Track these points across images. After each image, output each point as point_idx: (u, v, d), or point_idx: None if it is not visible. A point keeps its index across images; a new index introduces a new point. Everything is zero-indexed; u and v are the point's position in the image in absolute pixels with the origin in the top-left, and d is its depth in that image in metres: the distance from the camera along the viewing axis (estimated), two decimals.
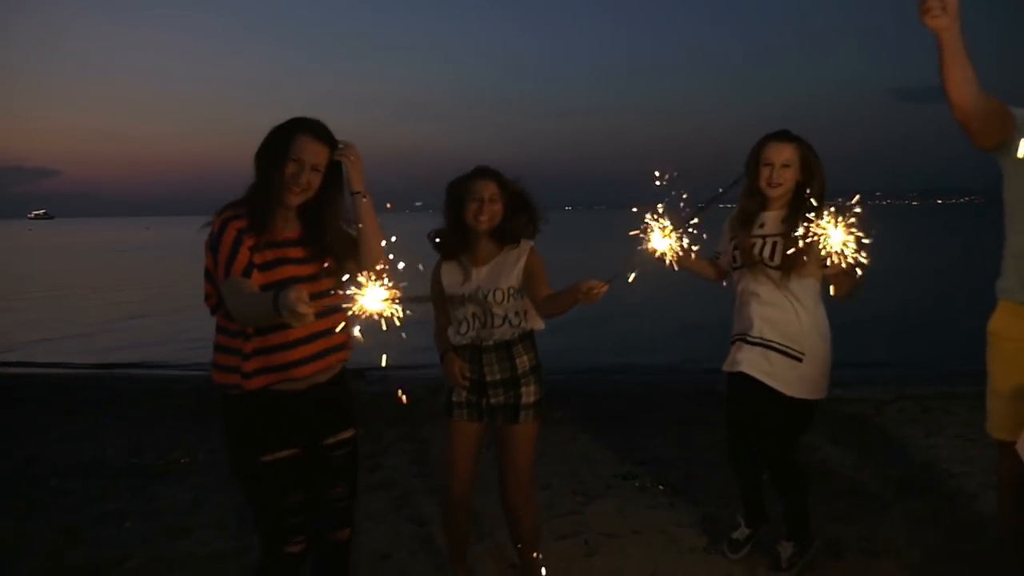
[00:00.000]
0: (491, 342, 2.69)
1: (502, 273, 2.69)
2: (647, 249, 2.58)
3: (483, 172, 2.71)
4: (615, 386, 7.00)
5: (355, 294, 1.80)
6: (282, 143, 2.16)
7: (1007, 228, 2.42)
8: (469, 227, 2.70)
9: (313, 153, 2.17)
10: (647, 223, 2.60)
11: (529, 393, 2.72)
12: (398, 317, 1.82)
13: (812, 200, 2.67)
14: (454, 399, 2.78)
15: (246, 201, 2.18)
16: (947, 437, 4.91)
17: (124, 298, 19.24)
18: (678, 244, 2.63)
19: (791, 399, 2.87)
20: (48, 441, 5.42)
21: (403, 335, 1.84)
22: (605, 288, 2.26)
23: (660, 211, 2.61)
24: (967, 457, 4.42)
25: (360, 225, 2.27)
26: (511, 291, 2.68)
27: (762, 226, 2.95)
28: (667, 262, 2.68)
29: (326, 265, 2.24)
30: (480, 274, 2.72)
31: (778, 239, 2.85)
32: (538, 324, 2.79)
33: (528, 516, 2.83)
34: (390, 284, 1.83)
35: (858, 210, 2.37)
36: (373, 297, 1.80)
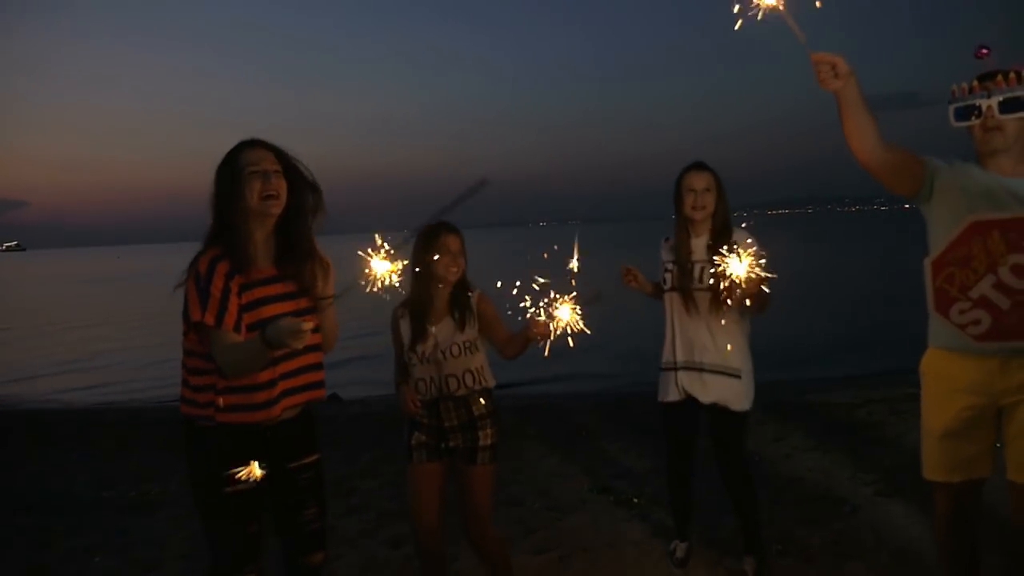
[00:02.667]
0: (449, 400, 2.80)
1: (457, 329, 2.79)
2: (556, 323, 2.41)
3: (449, 227, 2.82)
4: (589, 400, 7.02)
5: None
6: (234, 167, 2.15)
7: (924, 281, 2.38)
8: (434, 279, 2.79)
9: (265, 158, 2.17)
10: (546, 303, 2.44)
11: (486, 436, 2.81)
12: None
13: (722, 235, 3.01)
14: (413, 443, 2.86)
15: (223, 241, 2.15)
16: (915, 439, 4.97)
17: (93, 332, 18.97)
18: (574, 316, 2.40)
19: (735, 413, 3.08)
20: (14, 476, 5.33)
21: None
22: (551, 336, 2.42)
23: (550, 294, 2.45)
24: None
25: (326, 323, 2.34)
26: (467, 344, 2.79)
27: (691, 253, 3.13)
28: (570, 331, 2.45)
29: (306, 300, 2.25)
30: (438, 332, 2.80)
31: (705, 264, 3.04)
32: (490, 381, 2.88)
33: (491, 546, 2.90)
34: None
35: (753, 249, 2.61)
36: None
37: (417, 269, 2.78)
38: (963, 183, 2.28)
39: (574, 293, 2.40)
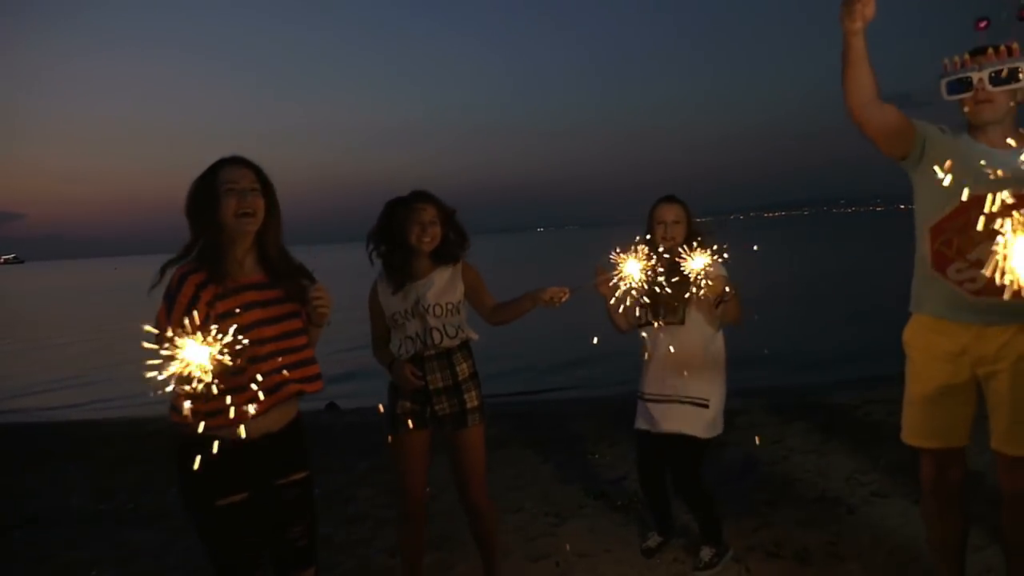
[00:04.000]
0: (432, 352, 2.88)
1: (441, 289, 2.90)
2: (618, 271, 2.69)
3: (423, 196, 2.92)
4: (587, 406, 7.02)
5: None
6: (210, 183, 2.18)
7: (917, 242, 2.47)
8: (411, 247, 2.89)
9: (244, 176, 2.19)
10: (628, 251, 2.71)
11: (472, 398, 2.92)
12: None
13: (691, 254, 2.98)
14: (398, 411, 2.93)
15: (198, 253, 2.17)
16: None
17: (90, 345, 18.93)
18: (644, 277, 2.71)
19: (701, 441, 3.21)
20: (12, 491, 5.31)
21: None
22: (567, 296, 2.63)
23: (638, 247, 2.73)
24: None
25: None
26: (449, 306, 2.89)
27: (662, 285, 3.16)
28: (622, 289, 2.73)
29: (293, 306, 2.26)
30: (418, 289, 2.90)
31: (670, 295, 3.07)
32: (473, 335, 2.99)
33: (489, 510, 3.03)
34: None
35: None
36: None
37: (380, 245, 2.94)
38: (955, 154, 2.29)
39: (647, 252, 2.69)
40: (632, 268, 2.67)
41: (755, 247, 2.83)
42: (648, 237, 3.19)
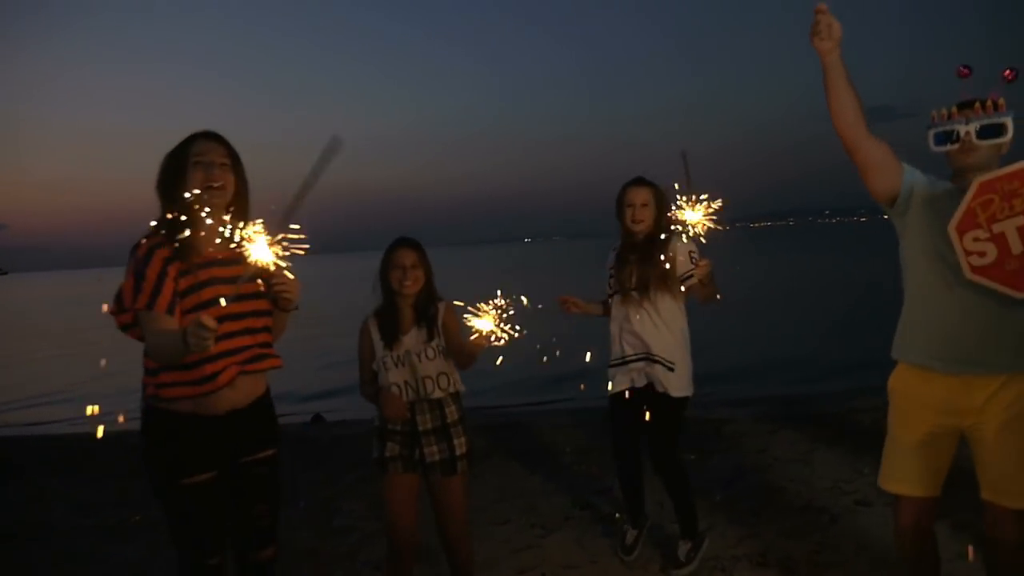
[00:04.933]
0: (424, 402, 2.89)
1: (426, 337, 2.90)
2: (473, 330, 2.67)
3: (403, 241, 2.97)
4: (573, 417, 7.02)
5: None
6: (180, 155, 2.19)
7: (904, 290, 2.49)
8: (395, 292, 2.92)
9: (213, 150, 2.20)
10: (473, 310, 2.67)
11: (461, 444, 2.92)
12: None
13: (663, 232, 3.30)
14: (387, 454, 2.92)
15: (164, 228, 2.17)
16: None
17: (74, 358, 18.75)
18: (498, 326, 2.64)
19: (674, 399, 3.31)
20: None
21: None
22: (487, 339, 2.64)
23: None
24: None
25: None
26: (439, 347, 2.90)
27: (631, 260, 3.37)
28: (492, 339, 2.68)
29: (252, 285, 2.21)
30: (408, 338, 2.91)
31: (635, 267, 3.34)
32: (462, 387, 2.99)
33: (466, 546, 3.04)
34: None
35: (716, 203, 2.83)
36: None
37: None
38: (931, 202, 2.36)
39: (499, 303, 2.60)
40: (483, 325, 2.63)
41: (734, 268, 2.90)
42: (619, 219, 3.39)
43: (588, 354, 2.87)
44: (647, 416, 3.36)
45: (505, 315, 2.63)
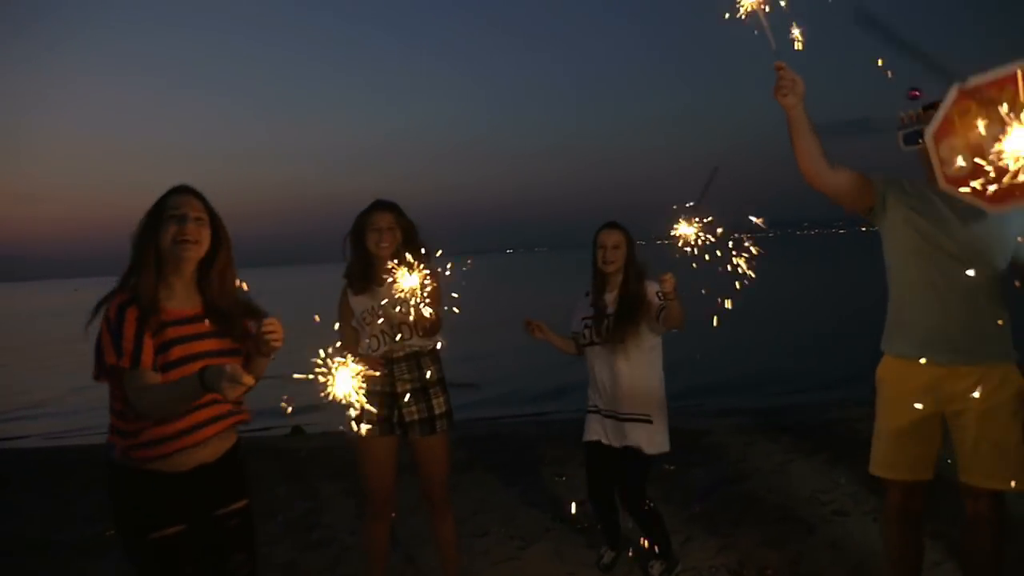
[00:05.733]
0: (401, 353, 2.96)
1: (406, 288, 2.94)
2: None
3: (381, 204, 3.05)
4: (552, 429, 7.03)
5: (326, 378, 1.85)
6: (156, 210, 2.16)
7: (889, 287, 2.63)
8: (372, 255, 3.00)
9: (188, 204, 2.17)
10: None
11: (440, 404, 3.00)
12: (362, 404, 1.88)
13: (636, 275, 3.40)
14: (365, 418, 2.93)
15: (133, 285, 2.13)
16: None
17: (50, 371, 18.46)
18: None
19: (645, 455, 3.33)
20: None
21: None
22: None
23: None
24: None
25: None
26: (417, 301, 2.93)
27: (605, 307, 3.44)
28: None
29: (230, 340, 2.22)
30: (384, 290, 2.97)
31: (612, 316, 3.39)
32: (440, 341, 3.08)
33: (449, 512, 3.14)
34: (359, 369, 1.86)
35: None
36: (343, 380, 1.86)
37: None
38: (908, 203, 2.51)
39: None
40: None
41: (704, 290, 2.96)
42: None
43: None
44: (616, 467, 3.41)
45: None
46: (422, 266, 2.61)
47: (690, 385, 9.65)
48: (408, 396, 2.96)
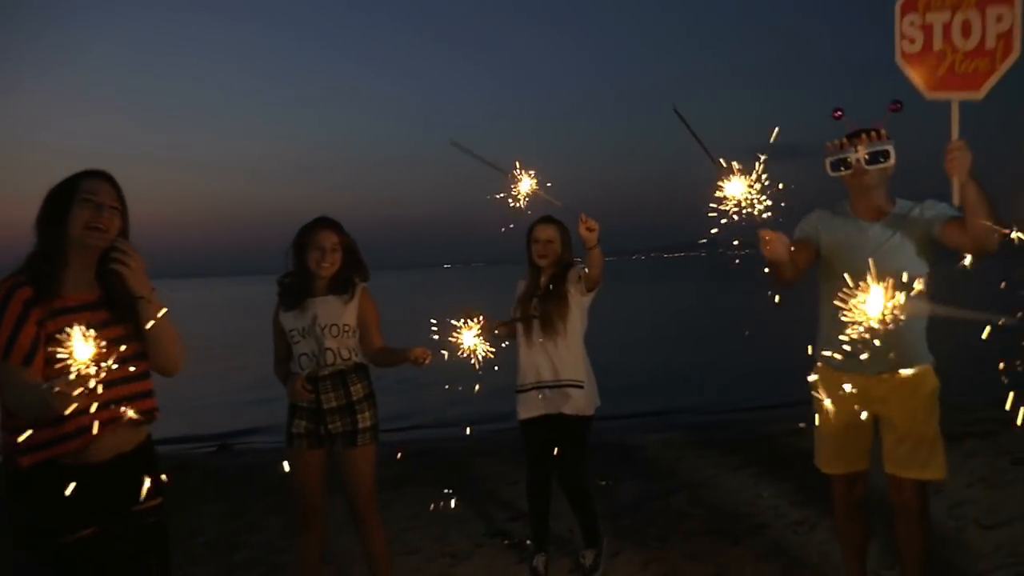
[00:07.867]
0: (327, 372, 2.98)
1: (336, 311, 3.01)
2: (459, 346, 2.81)
3: (325, 223, 3.05)
4: (487, 443, 7.02)
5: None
6: (67, 191, 2.07)
7: (820, 303, 2.87)
8: (311, 272, 3.01)
9: (104, 191, 2.10)
10: (459, 323, 2.82)
11: (365, 419, 3.03)
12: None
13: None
14: (294, 431, 3.04)
15: (31, 267, 2.03)
16: (793, 473, 5.23)
17: None
18: (485, 345, 2.83)
19: (582, 418, 3.48)
20: None
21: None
22: (429, 359, 2.83)
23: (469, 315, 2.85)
24: (808, 488, 4.72)
25: (148, 328, 2.16)
26: (345, 328, 3.00)
27: (535, 291, 3.58)
28: (475, 359, 2.84)
29: (127, 329, 2.14)
30: (315, 307, 3.00)
31: (539, 297, 3.54)
32: (366, 359, 3.12)
33: (378, 525, 3.14)
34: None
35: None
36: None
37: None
38: (832, 236, 2.79)
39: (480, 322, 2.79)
40: (468, 336, 2.79)
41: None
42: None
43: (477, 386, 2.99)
44: (557, 438, 3.50)
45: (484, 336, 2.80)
46: (479, 321, 2.78)
47: (621, 399, 9.80)
48: (333, 411, 2.99)
